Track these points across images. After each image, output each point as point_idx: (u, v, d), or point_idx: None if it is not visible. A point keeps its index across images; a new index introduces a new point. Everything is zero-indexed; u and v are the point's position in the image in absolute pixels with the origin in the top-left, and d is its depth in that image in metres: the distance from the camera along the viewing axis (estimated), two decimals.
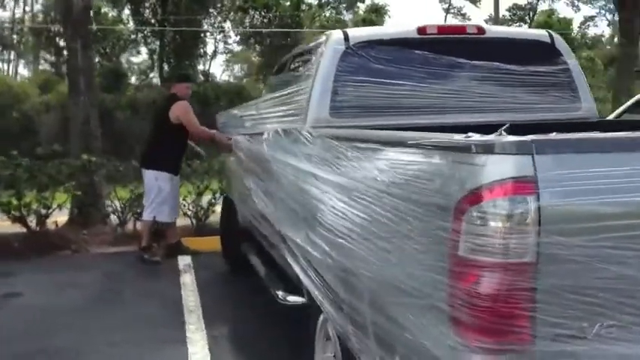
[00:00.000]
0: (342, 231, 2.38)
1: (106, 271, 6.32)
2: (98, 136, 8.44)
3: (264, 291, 5.31)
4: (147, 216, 6.50)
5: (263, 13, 28.32)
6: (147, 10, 27.87)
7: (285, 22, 27.37)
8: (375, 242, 2.04)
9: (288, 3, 27.75)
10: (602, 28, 46.82)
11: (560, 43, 3.84)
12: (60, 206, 7.43)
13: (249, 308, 5.11)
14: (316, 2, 30.73)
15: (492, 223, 1.56)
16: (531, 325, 1.56)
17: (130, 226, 7.62)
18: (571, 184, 1.55)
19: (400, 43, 3.62)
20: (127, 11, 30.54)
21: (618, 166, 1.59)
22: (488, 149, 1.60)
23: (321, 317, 2.88)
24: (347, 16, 32.09)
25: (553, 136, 1.60)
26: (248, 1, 27.86)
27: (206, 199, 7.71)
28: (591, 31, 43.26)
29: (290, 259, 3.28)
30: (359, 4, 31.73)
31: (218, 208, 7.70)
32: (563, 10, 47.53)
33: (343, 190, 2.46)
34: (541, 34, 3.92)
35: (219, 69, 33.83)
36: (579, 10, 45.56)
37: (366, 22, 27.71)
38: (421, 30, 3.67)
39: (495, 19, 22.32)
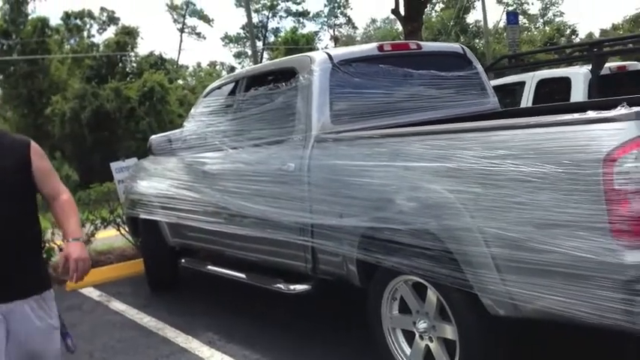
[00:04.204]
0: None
1: None
2: None
3: (218, 294, 5.68)
4: None
5: (2, 41, 26.17)
6: None
7: (31, 48, 25.62)
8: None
9: (30, 28, 25.99)
10: (326, 42, 52.16)
11: (469, 53, 4.96)
12: None
13: (216, 308, 5.33)
14: (63, 27, 29.19)
15: None
16: None
17: None
18: None
19: (369, 59, 4.40)
20: None
21: None
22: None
23: (392, 282, 3.53)
24: (99, 39, 31.02)
25: None
26: None
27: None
28: (320, 45, 47.89)
29: (327, 243, 3.78)
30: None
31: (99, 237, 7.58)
32: (289, 26, 51.97)
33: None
34: (456, 47, 5.00)
35: None
36: (305, 26, 50.08)
37: (119, 44, 27.23)
38: (380, 47, 4.50)
39: (252, 40, 23.76)
